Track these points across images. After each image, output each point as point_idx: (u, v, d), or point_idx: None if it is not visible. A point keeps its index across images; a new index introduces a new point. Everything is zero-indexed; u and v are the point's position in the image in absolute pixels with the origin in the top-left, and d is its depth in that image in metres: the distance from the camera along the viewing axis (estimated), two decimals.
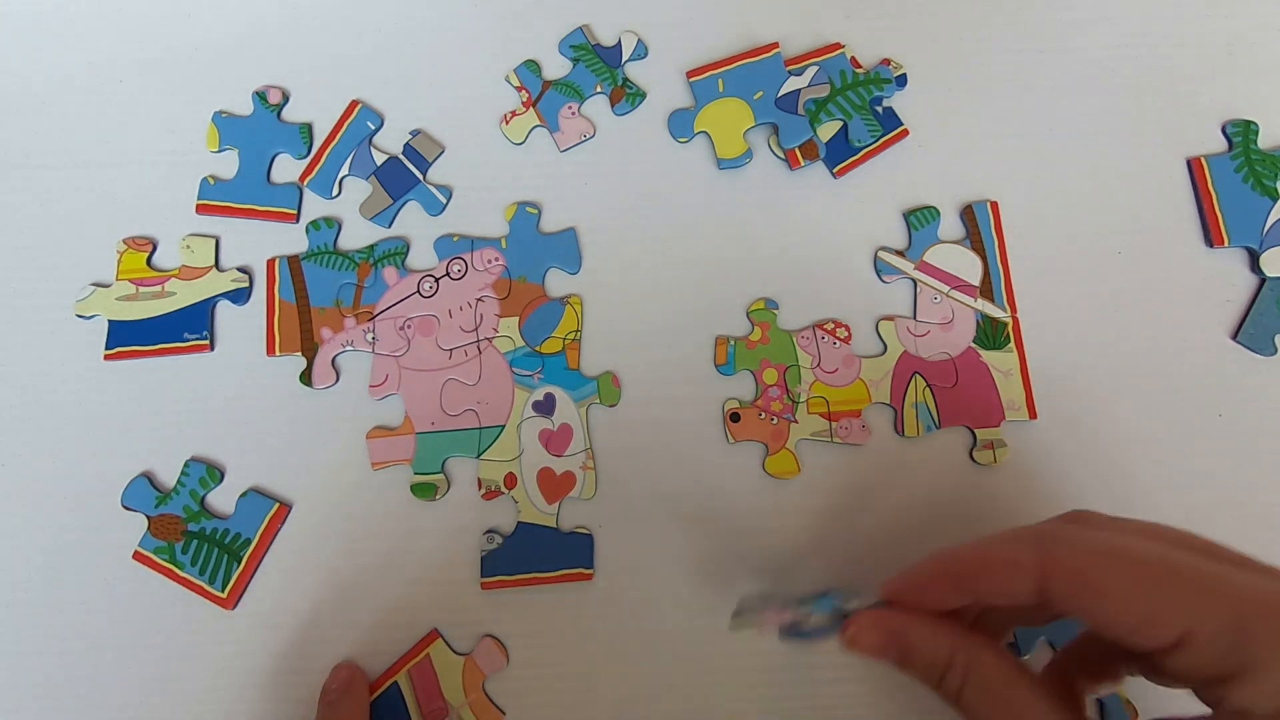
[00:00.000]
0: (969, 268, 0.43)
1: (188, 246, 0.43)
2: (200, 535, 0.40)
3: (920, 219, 0.43)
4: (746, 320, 0.42)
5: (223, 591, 0.39)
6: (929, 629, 0.29)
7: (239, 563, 0.39)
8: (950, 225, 0.44)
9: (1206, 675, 0.24)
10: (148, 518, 0.40)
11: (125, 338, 0.42)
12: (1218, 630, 0.24)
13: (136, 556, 0.40)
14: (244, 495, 0.40)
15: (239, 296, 0.43)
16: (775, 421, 0.41)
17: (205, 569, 0.39)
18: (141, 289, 0.43)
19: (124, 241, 0.44)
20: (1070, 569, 0.26)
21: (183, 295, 0.43)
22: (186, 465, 0.41)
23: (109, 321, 0.42)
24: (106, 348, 0.42)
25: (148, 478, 0.41)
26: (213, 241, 0.44)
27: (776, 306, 0.42)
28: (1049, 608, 0.27)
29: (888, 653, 0.30)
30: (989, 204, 0.43)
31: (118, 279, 0.43)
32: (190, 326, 0.42)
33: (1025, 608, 0.28)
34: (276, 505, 0.40)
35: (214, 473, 0.40)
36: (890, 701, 0.38)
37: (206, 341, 0.42)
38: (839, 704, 0.38)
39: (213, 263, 0.43)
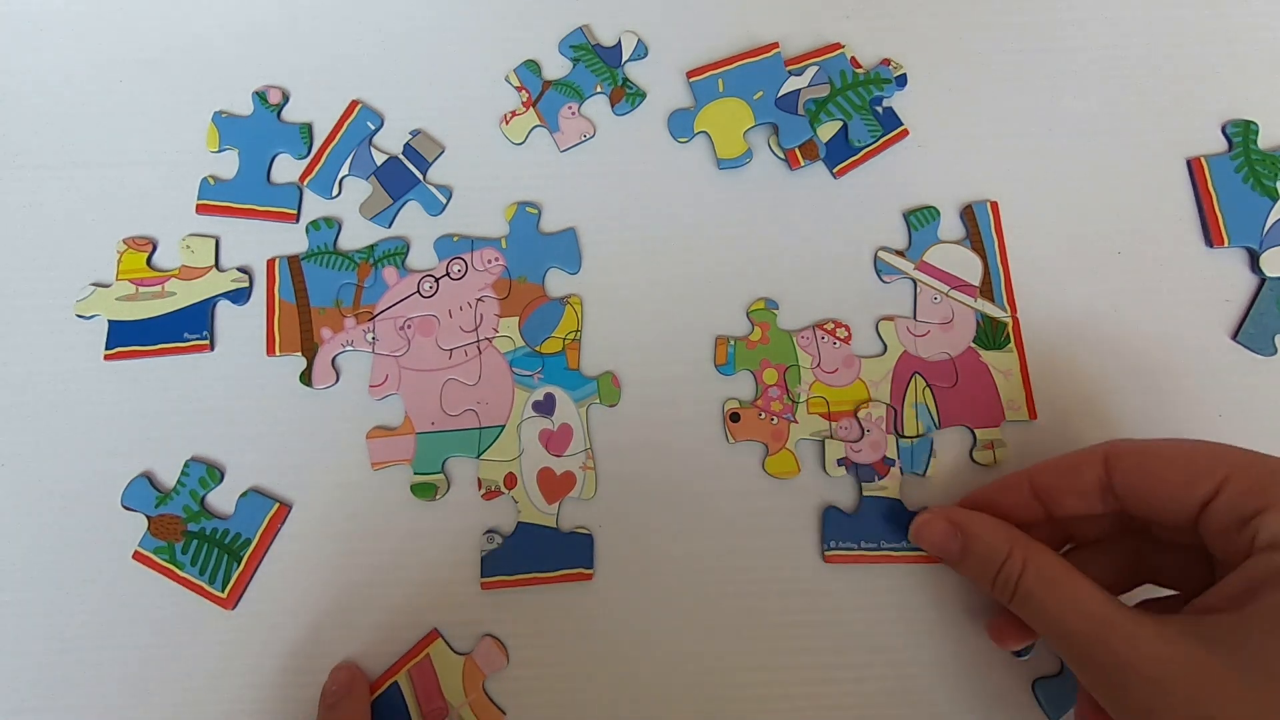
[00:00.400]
0: (969, 268, 0.43)
1: (188, 246, 0.43)
2: (200, 535, 0.40)
3: (920, 219, 0.43)
4: (746, 320, 0.42)
5: (223, 591, 0.39)
6: (990, 522, 0.34)
7: (239, 563, 0.39)
8: (950, 225, 0.44)
9: (1242, 514, 0.29)
10: (148, 518, 0.40)
11: (125, 338, 0.42)
12: (1249, 474, 0.29)
13: (136, 556, 0.39)
14: (244, 495, 0.40)
15: (239, 296, 0.43)
16: (775, 421, 0.41)
17: (205, 569, 0.39)
18: (141, 289, 0.43)
19: (124, 241, 0.44)
20: (1130, 450, 0.32)
21: (183, 295, 0.43)
22: (186, 465, 0.41)
23: (109, 321, 0.42)
24: (106, 348, 0.42)
25: (148, 478, 0.41)
26: (213, 241, 0.44)
27: (776, 306, 0.42)
28: (1111, 501, 0.33)
29: (950, 542, 0.35)
30: (989, 204, 0.43)
31: (118, 279, 0.43)
32: (190, 326, 0.42)
33: (1088, 520, 0.34)
34: (276, 505, 0.40)
35: (214, 473, 0.40)
36: (891, 701, 0.38)
37: (206, 341, 0.42)
38: (839, 704, 0.38)
39: (213, 263, 0.43)
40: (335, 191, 0.45)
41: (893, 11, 0.47)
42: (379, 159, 0.45)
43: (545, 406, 0.41)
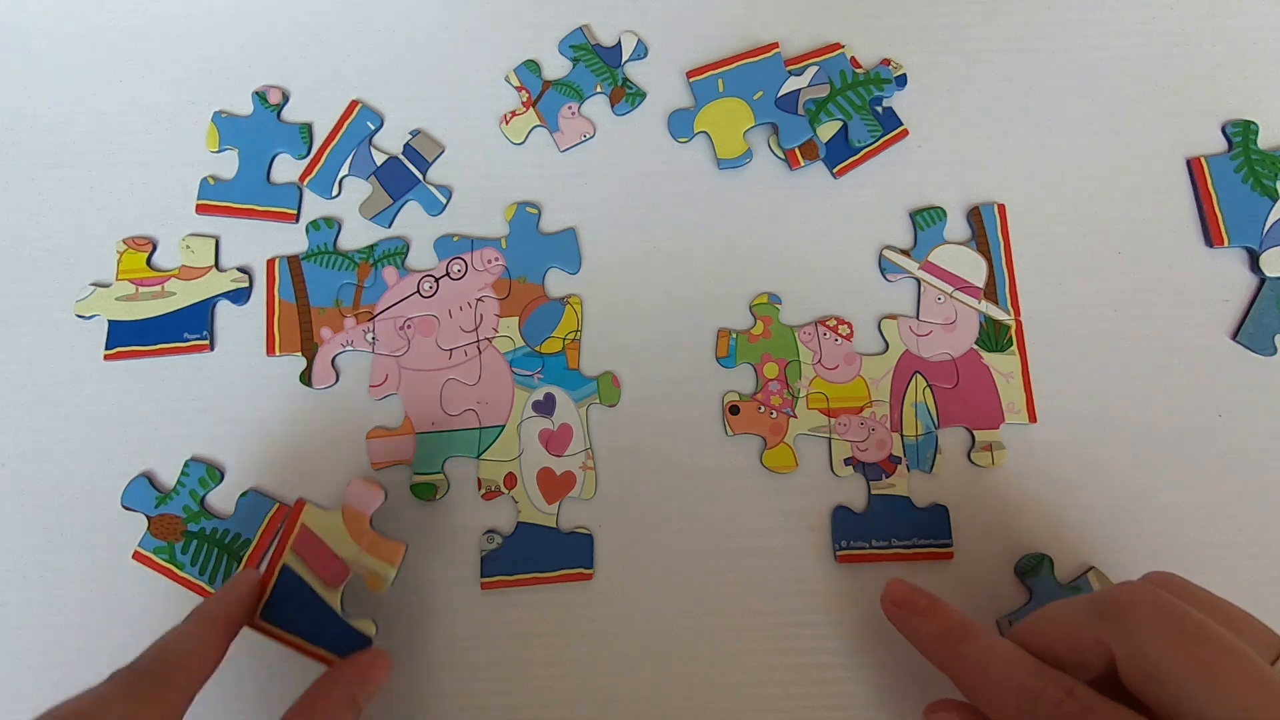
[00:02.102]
0: (974, 270, 0.43)
1: (188, 246, 0.43)
2: (200, 535, 0.40)
3: (926, 219, 0.43)
4: (748, 316, 0.42)
5: None
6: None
7: (239, 563, 0.39)
8: (956, 226, 0.44)
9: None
10: (148, 518, 0.40)
11: (125, 338, 0.42)
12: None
13: (136, 557, 0.39)
14: (244, 495, 0.40)
15: (239, 296, 0.43)
16: (774, 415, 0.41)
17: (205, 569, 0.39)
18: (141, 289, 0.43)
19: (124, 241, 0.44)
20: (1135, 656, 0.26)
21: (183, 295, 0.43)
22: (186, 465, 0.41)
23: (109, 321, 0.42)
24: (106, 348, 0.42)
25: (148, 478, 0.41)
26: (213, 241, 0.44)
27: (779, 301, 0.42)
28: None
29: None
30: (996, 206, 0.43)
31: (118, 279, 0.43)
32: (190, 326, 0.42)
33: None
34: (276, 505, 0.40)
35: (214, 473, 0.40)
36: (892, 701, 0.38)
37: (206, 341, 0.42)
38: (840, 704, 0.38)
39: (213, 263, 0.43)
40: (335, 191, 0.45)
41: (893, 11, 0.47)
42: (379, 159, 0.45)
43: (545, 406, 0.41)
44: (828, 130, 0.45)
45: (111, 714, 0.27)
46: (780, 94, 0.45)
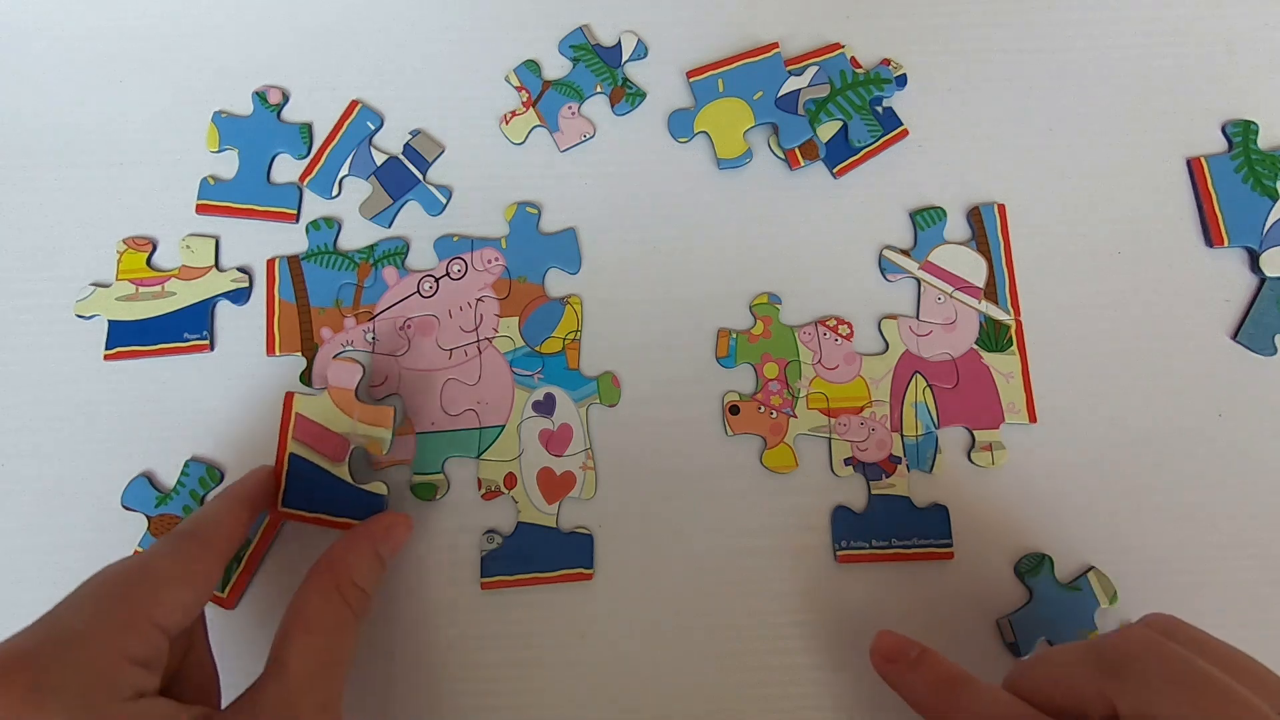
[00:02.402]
0: (974, 270, 0.43)
1: (188, 246, 0.43)
2: None
3: (926, 219, 0.43)
4: (748, 316, 0.42)
5: (223, 591, 0.39)
6: None
7: (239, 562, 0.39)
8: (956, 226, 0.44)
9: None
10: (148, 518, 0.40)
11: (125, 338, 0.42)
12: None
13: None
14: None
15: (239, 296, 0.43)
16: (774, 415, 0.41)
17: None
18: (142, 289, 0.43)
19: (124, 241, 0.43)
20: (1139, 710, 0.26)
21: (183, 295, 0.43)
22: (186, 465, 0.41)
23: (109, 322, 0.42)
24: (106, 348, 0.42)
25: (148, 478, 0.41)
26: (213, 242, 0.44)
27: (779, 301, 0.42)
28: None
29: None
30: (996, 206, 0.43)
31: (118, 279, 0.43)
32: (190, 326, 0.42)
33: None
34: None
35: (214, 473, 0.40)
36: (892, 701, 0.38)
37: (206, 341, 0.42)
38: (840, 704, 0.38)
39: (213, 263, 0.43)
40: (335, 191, 0.45)
41: (893, 11, 0.47)
42: (379, 159, 0.45)
43: (545, 406, 0.41)
44: (828, 130, 0.45)
45: (161, 568, 0.30)
46: (780, 94, 0.45)
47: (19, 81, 0.47)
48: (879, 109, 0.45)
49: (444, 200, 0.44)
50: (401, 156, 0.45)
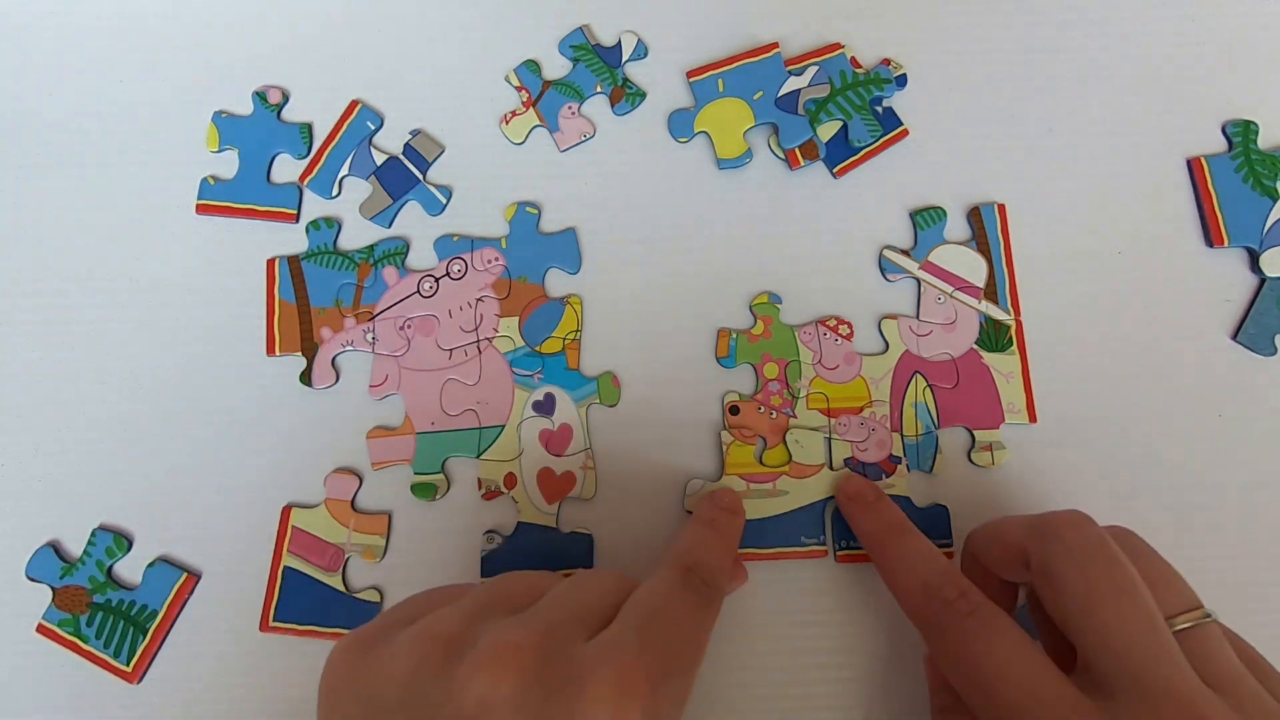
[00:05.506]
0: (974, 270, 0.43)
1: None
2: (106, 607, 0.38)
3: (926, 219, 0.43)
4: (748, 315, 0.42)
5: (128, 665, 0.38)
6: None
7: (145, 636, 0.38)
8: (956, 226, 0.44)
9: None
10: (52, 589, 0.39)
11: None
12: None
13: (40, 629, 0.38)
14: (151, 565, 0.39)
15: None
16: (774, 415, 0.41)
17: (110, 642, 0.38)
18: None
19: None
20: (1044, 567, 0.29)
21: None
22: (93, 534, 0.39)
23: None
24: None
25: (53, 547, 0.39)
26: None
27: (780, 301, 0.42)
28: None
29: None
30: (996, 206, 0.43)
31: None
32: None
33: None
34: (184, 575, 0.39)
35: (121, 541, 0.39)
36: (892, 701, 0.38)
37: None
38: (840, 704, 0.38)
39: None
40: (335, 191, 0.45)
41: (893, 11, 0.47)
42: (379, 159, 0.45)
43: (545, 406, 0.41)
44: (828, 130, 0.45)
45: None
46: (780, 94, 0.45)
47: (19, 81, 0.47)
48: (879, 109, 0.45)
49: (444, 200, 0.44)
50: (401, 156, 0.45)
